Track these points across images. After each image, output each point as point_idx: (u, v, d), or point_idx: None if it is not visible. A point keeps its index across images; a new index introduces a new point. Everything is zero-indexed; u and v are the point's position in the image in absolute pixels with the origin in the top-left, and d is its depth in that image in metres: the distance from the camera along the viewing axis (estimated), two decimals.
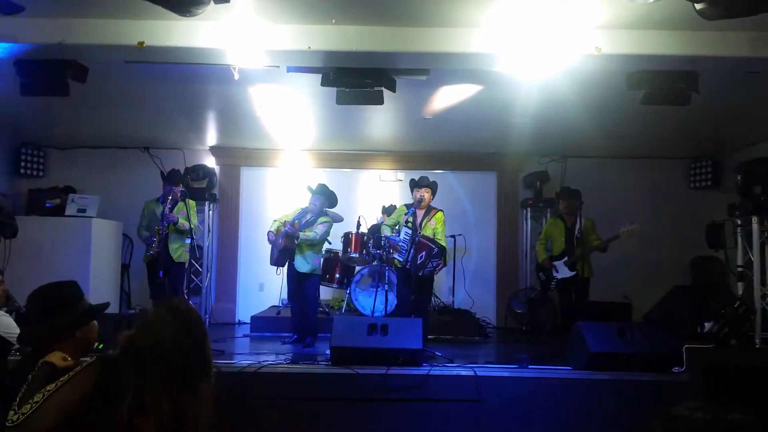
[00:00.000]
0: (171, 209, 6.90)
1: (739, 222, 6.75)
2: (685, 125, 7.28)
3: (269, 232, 6.92)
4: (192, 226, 6.96)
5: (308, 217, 6.89)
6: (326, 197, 7.00)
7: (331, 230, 7.08)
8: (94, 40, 4.66)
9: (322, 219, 6.89)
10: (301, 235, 6.65)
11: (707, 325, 6.28)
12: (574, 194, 7.30)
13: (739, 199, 6.71)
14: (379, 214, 8.61)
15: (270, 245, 6.98)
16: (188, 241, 7.09)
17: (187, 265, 7.38)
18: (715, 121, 7.22)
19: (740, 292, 6.64)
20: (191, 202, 7.24)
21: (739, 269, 6.69)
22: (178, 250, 6.94)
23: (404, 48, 4.76)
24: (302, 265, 6.77)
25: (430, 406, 4.90)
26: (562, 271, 7.09)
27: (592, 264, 7.12)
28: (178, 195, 6.96)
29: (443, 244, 6.56)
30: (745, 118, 7.10)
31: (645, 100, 5.15)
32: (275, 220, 7.03)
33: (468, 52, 4.75)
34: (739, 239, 6.75)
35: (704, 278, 8.40)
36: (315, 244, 6.86)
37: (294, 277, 6.86)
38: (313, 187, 7.01)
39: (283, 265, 6.94)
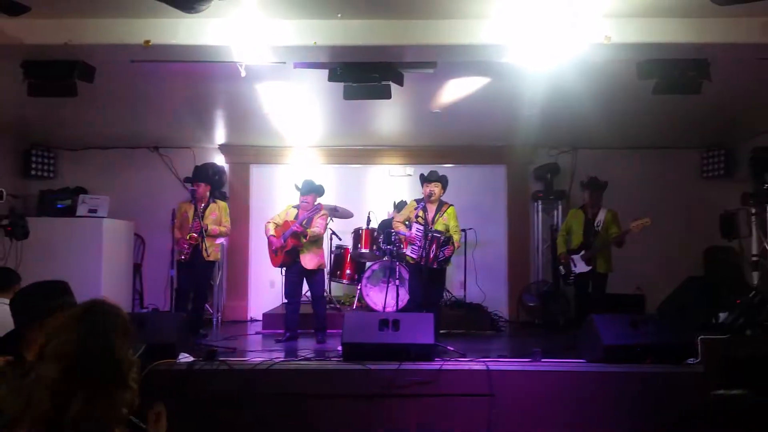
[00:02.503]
0: (203, 210, 7.07)
1: (753, 211, 6.68)
2: (697, 114, 7.19)
3: (271, 236, 6.92)
4: (223, 229, 7.21)
5: (305, 215, 6.89)
6: (316, 192, 7.02)
7: (342, 227, 7.11)
8: (100, 40, 4.66)
9: (319, 213, 6.97)
10: (309, 232, 6.69)
11: (722, 316, 6.21)
12: (601, 186, 7.18)
13: (752, 187, 6.64)
14: (391, 209, 8.59)
15: (269, 248, 7.01)
16: (219, 240, 7.34)
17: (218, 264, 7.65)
18: (727, 109, 7.12)
19: (755, 282, 6.57)
20: (222, 204, 7.35)
21: (754, 258, 6.63)
22: (210, 248, 7.00)
23: (411, 41, 4.72)
24: (309, 261, 6.83)
25: (443, 401, 4.88)
26: (580, 266, 7.02)
27: (612, 259, 7.05)
28: (206, 193, 7.16)
29: (457, 237, 6.53)
30: (757, 106, 7.00)
31: (656, 89, 5.09)
32: (269, 223, 7.04)
33: (475, 43, 4.71)
34: (754, 228, 6.68)
35: (718, 268, 8.31)
36: (318, 240, 6.95)
37: (299, 274, 6.91)
38: (300, 185, 7.03)
39: (290, 266, 6.94)
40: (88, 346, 1.94)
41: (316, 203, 7.00)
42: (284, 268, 7.07)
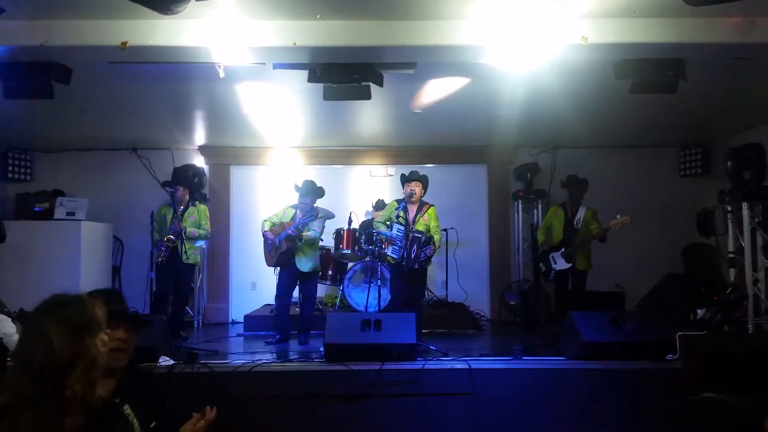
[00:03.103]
0: (182, 213, 7.02)
1: (729, 208, 6.76)
2: (674, 113, 7.27)
3: (265, 232, 6.88)
4: (202, 232, 7.18)
5: (301, 216, 6.83)
6: (315, 194, 6.96)
7: (324, 227, 7.11)
8: (76, 41, 4.60)
9: (317, 216, 6.90)
10: (304, 236, 6.65)
11: (700, 312, 6.29)
12: (580, 184, 7.23)
13: (729, 185, 6.73)
14: (370, 208, 8.60)
15: (265, 247, 6.97)
16: (199, 243, 7.29)
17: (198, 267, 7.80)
18: (704, 108, 7.22)
19: (732, 278, 6.66)
20: (202, 207, 7.32)
21: (731, 255, 6.71)
22: (189, 251, 6.97)
23: (390, 42, 4.72)
24: (305, 264, 6.79)
25: (425, 400, 4.90)
26: (560, 263, 7.07)
27: (591, 257, 7.12)
28: (185, 196, 7.16)
29: (438, 237, 6.56)
30: (733, 105, 7.11)
31: (633, 88, 5.14)
32: (265, 221, 6.99)
33: (454, 44, 4.72)
34: (730, 225, 6.76)
35: (695, 266, 8.42)
36: (314, 242, 6.88)
37: (293, 276, 6.88)
38: (300, 185, 6.97)
39: (284, 266, 6.91)
40: (26, 340, 1.99)
41: (315, 205, 6.97)
42: (278, 269, 7.03)
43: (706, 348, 5.09)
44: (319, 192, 7.00)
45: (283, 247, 6.76)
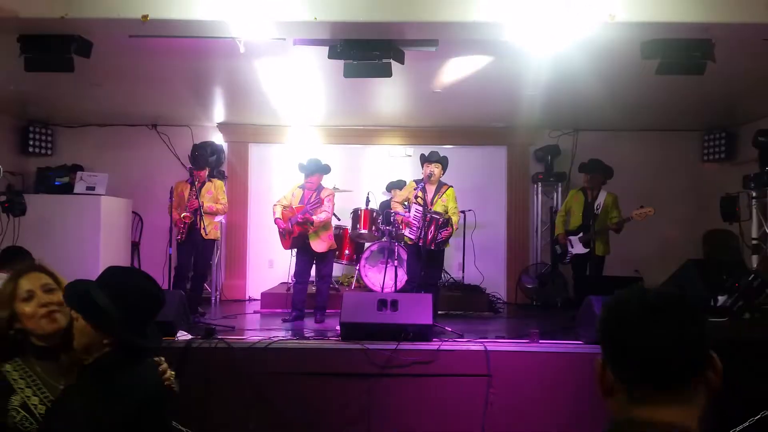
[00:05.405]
0: (198, 191, 7.05)
1: (754, 194, 6.65)
2: (699, 96, 7.13)
3: (277, 219, 6.88)
4: (219, 206, 7.23)
5: (312, 196, 6.83)
6: (321, 171, 6.94)
7: (341, 206, 7.10)
8: (97, 14, 4.57)
9: (325, 193, 6.88)
10: (315, 219, 6.64)
11: (721, 299, 6.20)
12: (602, 169, 7.11)
13: (753, 171, 6.61)
14: (383, 190, 8.59)
15: (279, 232, 6.98)
16: (217, 219, 7.36)
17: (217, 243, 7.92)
18: (730, 91, 7.06)
19: (755, 265, 6.56)
20: (218, 182, 7.36)
21: (754, 242, 6.61)
22: (208, 227, 7.01)
23: (412, 17, 4.64)
24: (320, 245, 6.82)
25: (440, 381, 4.89)
26: (577, 247, 7.01)
27: (610, 242, 7.04)
28: (204, 174, 7.24)
29: (456, 219, 6.51)
30: (760, 89, 6.95)
31: (660, 69, 5.02)
32: (275, 205, 6.99)
33: (477, 21, 4.63)
34: (754, 211, 6.66)
35: (717, 251, 8.29)
36: (326, 224, 6.89)
37: (310, 256, 6.90)
38: (305, 163, 6.93)
39: (300, 248, 6.93)
40: None
41: (321, 183, 6.95)
42: (295, 250, 7.06)
43: (726, 335, 5.02)
44: (325, 168, 6.96)
45: (295, 232, 6.76)
